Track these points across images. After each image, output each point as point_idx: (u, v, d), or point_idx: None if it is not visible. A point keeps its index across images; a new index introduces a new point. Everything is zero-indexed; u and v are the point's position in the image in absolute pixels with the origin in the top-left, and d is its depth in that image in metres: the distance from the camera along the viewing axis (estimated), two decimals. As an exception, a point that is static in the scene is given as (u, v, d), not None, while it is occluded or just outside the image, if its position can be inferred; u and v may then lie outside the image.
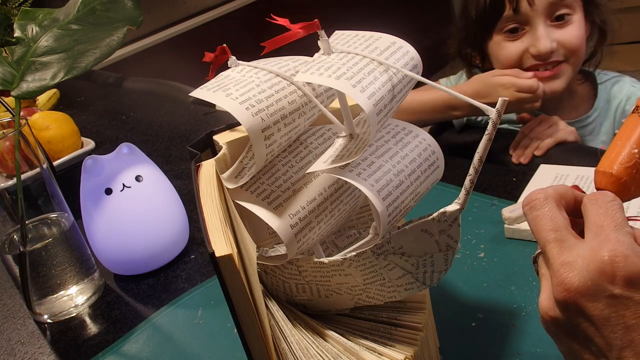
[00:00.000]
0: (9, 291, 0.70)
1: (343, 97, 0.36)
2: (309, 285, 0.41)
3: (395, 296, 0.38)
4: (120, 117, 1.20)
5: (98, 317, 0.62)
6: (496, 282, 0.54)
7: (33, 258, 0.60)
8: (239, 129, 0.43)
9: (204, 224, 0.34)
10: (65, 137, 0.96)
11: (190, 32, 2.21)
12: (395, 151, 0.37)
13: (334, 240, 0.45)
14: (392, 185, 0.35)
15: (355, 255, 0.35)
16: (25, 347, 0.60)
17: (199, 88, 0.37)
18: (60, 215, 0.62)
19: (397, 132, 0.39)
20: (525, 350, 0.46)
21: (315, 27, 0.35)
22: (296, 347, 0.38)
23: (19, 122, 0.56)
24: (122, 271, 0.68)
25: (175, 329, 0.58)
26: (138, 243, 0.64)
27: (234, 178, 0.39)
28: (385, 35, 0.37)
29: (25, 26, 0.62)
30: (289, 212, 0.37)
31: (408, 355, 0.37)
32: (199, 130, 1.04)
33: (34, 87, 0.58)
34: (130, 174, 0.64)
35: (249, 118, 0.35)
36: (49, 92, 1.26)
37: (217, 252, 0.31)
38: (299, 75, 0.34)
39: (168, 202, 0.67)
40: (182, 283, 0.65)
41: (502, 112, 0.31)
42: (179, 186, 0.71)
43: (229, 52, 0.39)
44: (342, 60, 0.34)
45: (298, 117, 0.38)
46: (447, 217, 0.33)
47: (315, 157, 0.40)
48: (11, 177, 0.60)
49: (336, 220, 0.40)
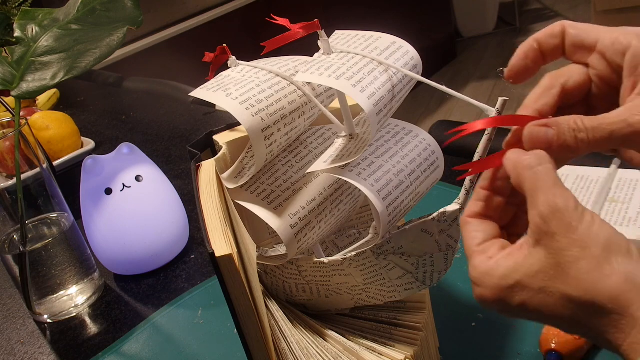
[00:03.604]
0: (9, 291, 0.70)
1: (343, 97, 0.36)
2: (309, 285, 0.41)
3: (395, 296, 0.38)
4: (120, 117, 1.20)
5: (98, 317, 0.62)
6: (496, 282, 0.54)
7: (33, 258, 0.60)
8: (239, 129, 0.43)
9: (204, 224, 0.34)
10: (65, 137, 0.96)
11: (190, 32, 2.21)
12: (395, 151, 0.37)
13: (334, 240, 0.45)
14: (392, 185, 0.35)
15: (355, 255, 0.36)
16: (25, 347, 0.60)
17: (199, 88, 0.37)
18: (60, 215, 0.62)
19: (397, 132, 0.39)
20: (525, 350, 0.46)
21: (315, 27, 0.35)
22: (296, 347, 0.38)
23: (19, 122, 0.56)
24: (122, 271, 0.68)
25: (175, 329, 0.58)
26: (138, 243, 0.64)
27: (234, 178, 0.39)
28: (385, 35, 0.37)
29: (25, 26, 0.62)
30: (289, 212, 0.37)
31: (408, 355, 0.37)
32: (199, 130, 1.04)
33: (34, 87, 0.58)
34: (130, 174, 0.64)
35: (249, 118, 0.35)
36: (49, 92, 1.26)
37: (217, 252, 0.31)
38: (299, 75, 0.34)
39: (168, 202, 0.67)
40: (182, 283, 0.65)
41: (502, 112, 0.31)
42: (179, 186, 0.71)
43: (229, 52, 0.39)
44: (342, 60, 0.34)
45: (298, 117, 0.38)
46: (447, 217, 0.33)
47: (315, 157, 0.40)
48: (11, 177, 0.60)
49: (336, 220, 0.40)
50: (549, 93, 0.32)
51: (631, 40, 0.29)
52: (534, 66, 0.33)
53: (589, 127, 0.28)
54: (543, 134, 0.29)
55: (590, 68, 0.32)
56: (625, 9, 2.37)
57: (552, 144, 0.29)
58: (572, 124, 0.28)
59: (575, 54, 0.32)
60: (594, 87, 0.32)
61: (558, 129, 0.29)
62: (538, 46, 0.33)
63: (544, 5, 3.88)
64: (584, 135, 0.28)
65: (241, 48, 0.56)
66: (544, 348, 0.44)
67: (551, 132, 0.29)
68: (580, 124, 0.28)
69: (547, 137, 0.29)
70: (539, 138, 0.29)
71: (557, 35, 0.32)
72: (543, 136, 0.29)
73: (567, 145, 0.28)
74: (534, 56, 0.33)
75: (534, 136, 0.29)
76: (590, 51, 0.31)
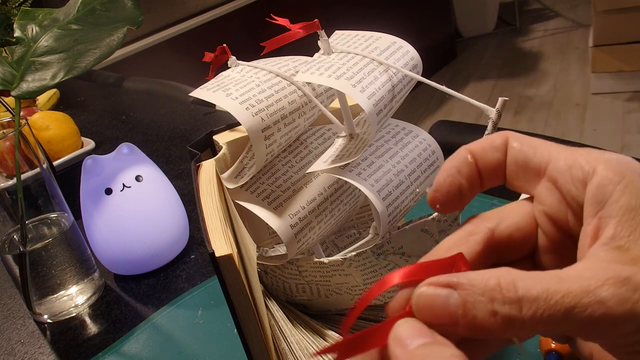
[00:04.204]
0: (9, 291, 0.70)
1: (343, 97, 0.36)
2: (309, 285, 0.41)
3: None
4: (120, 117, 1.20)
5: (98, 317, 0.62)
6: (496, 282, 0.54)
7: (33, 258, 0.60)
8: (239, 129, 0.43)
9: (204, 224, 0.34)
10: (65, 137, 0.96)
11: (190, 32, 2.21)
12: (395, 151, 0.37)
13: (334, 240, 0.45)
14: (392, 185, 0.35)
15: (355, 255, 0.36)
16: (25, 347, 0.60)
17: (199, 88, 0.37)
18: (60, 215, 0.62)
19: (397, 132, 0.39)
20: (525, 350, 0.46)
21: (315, 27, 0.35)
22: (296, 347, 0.38)
23: (19, 122, 0.56)
24: (122, 271, 0.68)
25: (175, 329, 0.58)
26: (138, 243, 0.64)
27: (234, 178, 0.39)
28: (385, 35, 0.37)
29: (25, 26, 0.62)
30: (289, 212, 0.37)
31: (408, 355, 0.37)
32: (199, 130, 1.04)
33: (34, 87, 0.58)
34: (130, 174, 0.64)
35: (249, 118, 0.35)
36: (49, 92, 1.26)
37: (217, 252, 0.31)
38: (299, 75, 0.34)
39: (168, 202, 0.67)
40: (182, 283, 0.65)
41: (502, 112, 0.31)
42: (179, 186, 0.71)
43: (229, 52, 0.39)
44: (342, 60, 0.34)
45: (298, 117, 0.38)
46: (447, 217, 0.33)
47: (315, 157, 0.40)
48: (11, 177, 0.60)
49: (336, 220, 0.40)
50: (469, 242, 0.21)
51: (595, 166, 0.20)
52: (468, 186, 0.23)
53: (524, 297, 0.17)
54: (441, 302, 0.18)
55: (536, 203, 0.22)
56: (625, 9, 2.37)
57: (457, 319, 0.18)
58: (490, 287, 0.17)
59: (517, 179, 0.23)
60: (540, 235, 0.22)
61: (465, 295, 0.18)
62: (473, 160, 0.23)
63: (544, 5, 3.88)
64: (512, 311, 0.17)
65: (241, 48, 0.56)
66: (544, 348, 0.44)
67: (454, 299, 0.18)
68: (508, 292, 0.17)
69: (449, 310, 0.18)
70: (434, 309, 0.18)
71: (498, 147, 0.23)
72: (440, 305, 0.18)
73: (480, 327, 0.17)
74: (468, 173, 0.23)
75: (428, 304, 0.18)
76: (537, 176, 0.22)
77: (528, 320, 0.17)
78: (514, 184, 0.23)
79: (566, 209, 0.21)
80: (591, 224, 0.19)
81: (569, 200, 0.21)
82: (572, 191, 0.20)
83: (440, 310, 0.18)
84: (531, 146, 0.22)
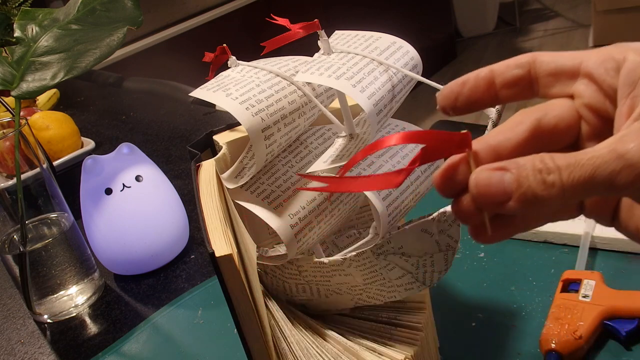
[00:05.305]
0: (9, 291, 0.70)
1: (343, 97, 0.36)
2: (309, 285, 0.41)
3: (395, 296, 0.38)
4: (120, 117, 1.20)
5: (98, 317, 0.62)
6: (496, 282, 0.54)
7: (33, 258, 0.60)
8: (239, 129, 0.43)
9: (204, 224, 0.34)
10: (65, 137, 0.96)
11: (190, 32, 2.22)
12: (395, 151, 0.37)
13: (334, 240, 0.45)
14: (392, 185, 0.35)
15: (355, 255, 0.35)
16: (25, 347, 0.60)
17: (199, 88, 0.37)
18: (60, 215, 0.62)
19: (397, 132, 0.39)
20: (525, 350, 0.46)
21: (315, 27, 0.35)
22: (296, 347, 0.38)
23: (19, 122, 0.56)
24: (122, 271, 0.68)
25: (175, 329, 0.58)
26: (138, 243, 0.64)
27: (234, 178, 0.39)
28: (385, 35, 0.37)
29: (25, 26, 0.62)
30: (289, 212, 0.37)
31: (408, 355, 0.37)
32: (199, 130, 1.04)
33: (34, 87, 0.58)
34: (130, 174, 0.64)
35: (249, 118, 0.35)
36: (49, 92, 1.26)
37: (217, 252, 0.31)
38: (299, 75, 0.34)
39: (168, 202, 0.67)
40: (182, 283, 0.65)
41: (502, 112, 0.31)
42: (179, 186, 0.71)
43: (229, 52, 0.39)
44: (342, 60, 0.34)
45: (298, 117, 0.38)
46: (447, 217, 0.33)
47: (315, 157, 0.40)
48: (11, 177, 0.60)
49: (336, 220, 0.40)
50: (515, 129, 0.24)
51: (626, 53, 0.22)
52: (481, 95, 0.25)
53: (562, 166, 0.20)
54: (496, 181, 0.21)
55: (576, 98, 0.24)
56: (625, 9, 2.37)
57: (512, 194, 0.20)
58: (537, 163, 0.20)
59: (553, 86, 0.25)
60: (583, 124, 0.24)
61: (518, 172, 0.20)
62: (492, 75, 0.25)
63: (544, 5, 3.88)
64: (556, 178, 0.20)
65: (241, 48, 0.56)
66: (544, 348, 0.44)
67: (509, 176, 0.20)
68: (550, 162, 0.20)
69: (504, 186, 0.20)
70: (490, 187, 0.21)
71: (522, 65, 0.25)
72: (497, 184, 0.21)
73: (532, 195, 0.20)
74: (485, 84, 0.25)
75: (484, 184, 0.21)
76: (573, 77, 0.24)
77: (567, 182, 0.20)
78: (550, 92, 0.25)
79: (604, 98, 0.23)
80: (625, 104, 0.22)
81: (606, 89, 0.23)
82: (607, 80, 0.23)
83: (497, 186, 0.20)
84: (561, 55, 0.24)
